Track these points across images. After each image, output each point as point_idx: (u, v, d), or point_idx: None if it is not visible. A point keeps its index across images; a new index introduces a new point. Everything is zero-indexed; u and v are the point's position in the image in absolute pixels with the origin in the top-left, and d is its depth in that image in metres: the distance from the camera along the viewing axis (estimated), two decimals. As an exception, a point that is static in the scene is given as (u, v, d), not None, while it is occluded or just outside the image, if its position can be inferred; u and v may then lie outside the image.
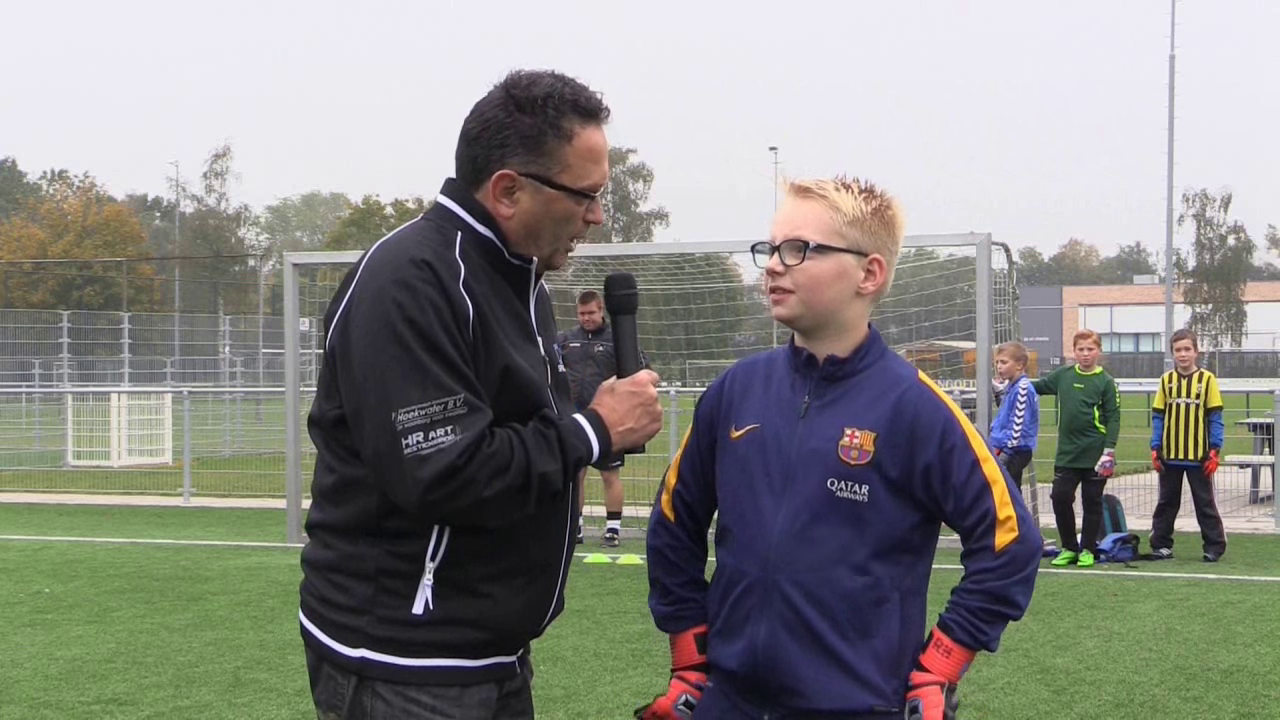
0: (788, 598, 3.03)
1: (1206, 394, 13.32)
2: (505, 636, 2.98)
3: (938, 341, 25.15)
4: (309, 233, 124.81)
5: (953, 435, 3.05)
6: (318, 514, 3.01)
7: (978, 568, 3.05)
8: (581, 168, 2.96)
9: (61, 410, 29.24)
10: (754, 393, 3.18)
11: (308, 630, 3.01)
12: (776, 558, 3.05)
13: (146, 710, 7.50)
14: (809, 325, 3.12)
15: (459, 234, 2.95)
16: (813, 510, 3.04)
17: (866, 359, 3.12)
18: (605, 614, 10.13)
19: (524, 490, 2.83)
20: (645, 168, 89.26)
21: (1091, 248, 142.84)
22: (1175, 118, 57.33)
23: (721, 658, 3.14)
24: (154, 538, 15.11)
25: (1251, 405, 24.01)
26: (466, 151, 2.99)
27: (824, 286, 3.07)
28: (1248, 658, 8.74)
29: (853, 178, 3.14)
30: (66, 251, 71.99)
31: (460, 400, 2.79)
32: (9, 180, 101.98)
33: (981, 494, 3.04)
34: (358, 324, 2.85)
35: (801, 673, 3.03)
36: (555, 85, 2.95)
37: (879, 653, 3.03)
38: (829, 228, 3.07)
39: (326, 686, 2.98)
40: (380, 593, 2.90)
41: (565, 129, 2.93)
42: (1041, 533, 14.14)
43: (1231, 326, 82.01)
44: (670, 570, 3.28)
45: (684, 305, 28.73)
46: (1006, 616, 3.07)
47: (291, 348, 15.22)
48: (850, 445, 3.04)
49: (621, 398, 3.03)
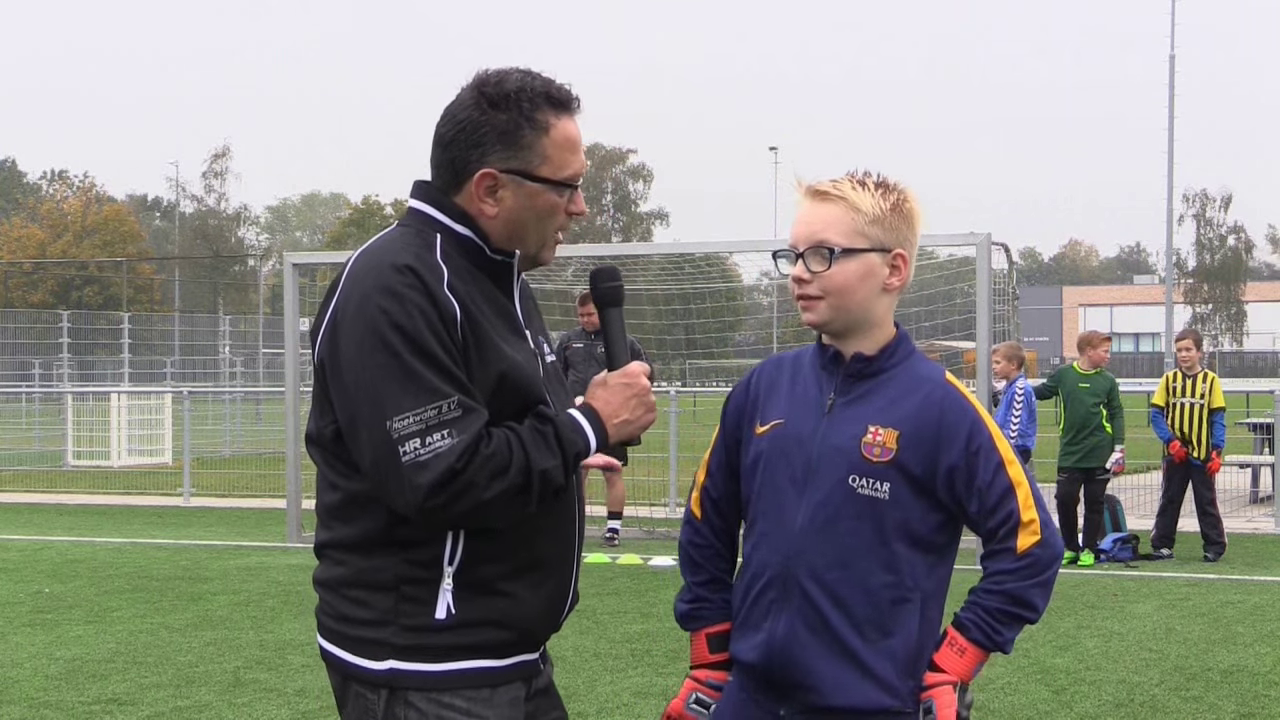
0: (807, 593, 3.03)
1: (1210, 394, 13.33)
2: (528, 633, 2.98)
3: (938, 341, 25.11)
4: (309, 233, 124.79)
5: (979, 437, 3.03)
6: (326, 533, 2.98)
7: (998, 569, 3.04)
8: (560, 158, 2.95)
9: (61, 410, 29.21)
10: (780, 389, 3.18)
11: (329, 652, 2.97)
12: (796, 552, 3.05)
13: (146, 710, 7.50)
14: (840, 329, 3.11)
15: (438, 236, 2.93)
16: (833, 506, 3.03)
17: (895, 357, 3.11)
18: (605, 614, 10.13)
19: (525, 489, 2.82)
20: (645, 168, 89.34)
21: (1091, 248, 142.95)
22: (1175, 118, 57.37)
23: (741, 651, 3.15)
24: (154, 538, 15.10)
25: (1251, 405, 24.02)
26: (443, 156, 2.96)
27: (853, 289, 3.06)
28: (1248, 658, 8.74)
29: (864, 173, 3.13)
30: (66, 251, 71.99)
31: (454, 403, 2.77)
32: (9, 180, 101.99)
33: (1005, 496, 3.02)
34: (345, 334, 2.83)
35: (817, 669, 3.03)
36: (525, 79, 2.94)
37: (896, 652, 3.02)
38: (852, 229, 3.06)
39: (356, 705, 2.93)
40: (402, 601, 2.88)
41: (540, 121, 2.92)
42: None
43: (1231, 326, 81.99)
44: (693, 568, 3.28)
45: (684, 305, 28.70)
46: (1023, 619, 3.05)
47: (291, 348, 15.22)
48: (873, 442, 3.03)
49: (615, 390, 3.01)
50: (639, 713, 7.38)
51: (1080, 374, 13.25)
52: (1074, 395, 13.15)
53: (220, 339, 50.61)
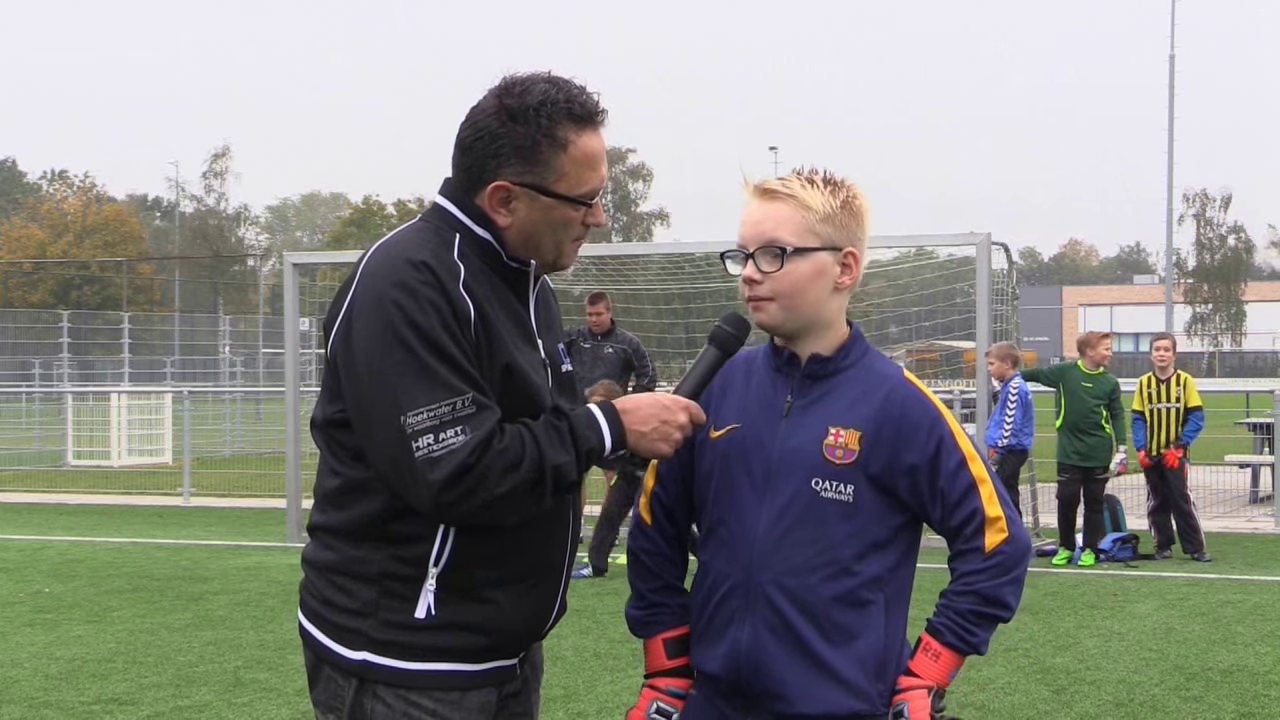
0: (771, 600, 2.96)
1: (1185, 395, 13.43)
2: (507, 641, 2.98)
3: (938, 341, 25.11)
4: (309, 233, 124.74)
5: (939, 434, 2.99)
6: (320, 516, 3.00)
7: (967, 569, 2.99)
8: (578, 175, 2.92)
9: (61, 410, 29.23)
10: (733, 392, 3.10)
11: (308, 631, 3.00)
12: (759, 560, 2.98)
13: (146, 710, 7.50)
14: (793, 330, 3.05)
15: (457, 235, 2.92)
16: (796, 511, 2.97)
17: (850, 357, 3.06)
18: (605, 614, 10.13)
19: (538, 484, 2.81)
20: (645, 168, 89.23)
21: (1091, 248, 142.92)
22: (1175, 118, 57.51)
23: (704, 661, 3.08)
24: (154, 538, 15.11)
25: (1251, 405, 23.98)
26: (462, 160, 2.95)
27: (804, 289, 3.00)
28: (1248, 658, 8.74)
29: (811, 169, 3.06)
30: (66, 251, 71.96)
31: (468, 400, 2.77)
32: (9, 180, 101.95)
33: (969, 493, 2.98)
34: (360, 329, 2.83)
35: (785, 677, 2.97)
36: (549, 91, 2.89)
37: (864, 656, 2.97)
38: (803, 227, 2.99)
39: (326, 688, 2.97)
40: (384, 596, 2.89)
41: (560, 138, 2.88)
42: (1043, 532, 14.08)
43: (1231, 326, 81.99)
44: (644, 575, 3.21)
45: (684, 305, 28.69)
46: (997, 618, 3.01)
47: (291, 348, 15.22)
48: (835, 444, 2.98)
49: (652, 404, 2.94)
50: (639, 713, 7.37)
51: (1084, 373, 13.26)
52: (1075, 393, 13.16)
53: (220, 339, 50.61)
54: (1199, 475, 17.20)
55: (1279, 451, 16.80)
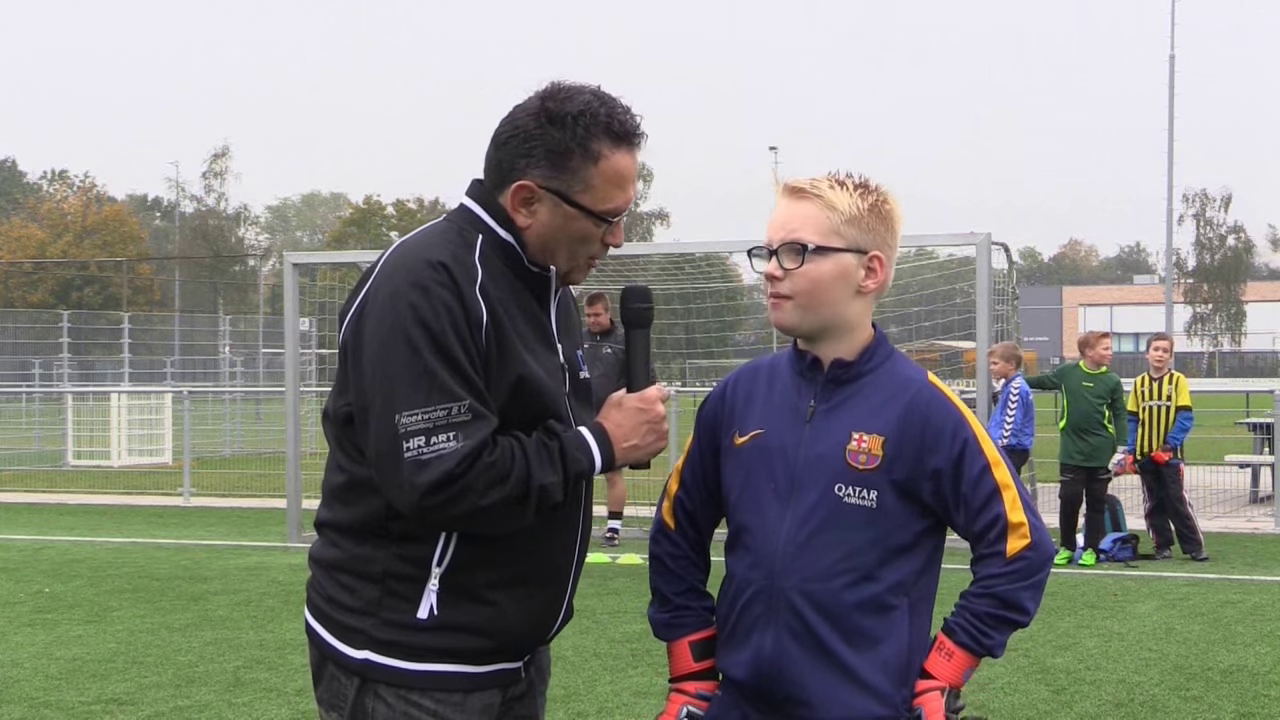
0: (794, 606, 2.96)
1: (1177, 394, 13.47)
2: (510, 644, 2.97)
3: (938, 341, 25.10)
4: (309, 233, 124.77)
5: (964, 439, 2.97)
6: (326, 512, 3.00)
7: (988, 573, 2.99)
8: (605, 191, 2.92)
9: (61, 410, 29.21)
10: (757, 397, 3.11)
11: (313, 629, 3.00)
12: (783, 566, 2.98)
13: (146, 710, 7.50)
14: (810, 331, 3.04)
15: (480, 237, 2.92)
16: (820, 517, 2.97)
17: (873, 361, 3.05)
18: (605, 614, 10.13)
19: (522, 501, 2.81)
20: (645, 168, 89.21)
21: (1091, 248, 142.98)
22: (1175, 118, 57.51)
23: (729, 666, 3.08)
24: (154, 538, 15.11)
25: (1251, 405, 23.98)
26: (494, 155, 2.95)
27: (825, 289, 2.99)
28: (1248, 658, 8.74)
29: (845, 173, 3.06)
30: (66, 251, 71.99)
31: (465, 407, 2.76)
32: (9, 180, 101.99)
33: (992, 499, 2.96)
34: (371, 324, 2.83)
35: (808, 683, 2.96)
36: (591, 103, 2.89)
37: (888, 661, 2.97)
38: (826, 227, 2.99)
39: (330, 686, 2.97)
40: (386, 595, 2.89)
41: (593, 150, 2.88)
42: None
43: (1231, 326, 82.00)
44: (669, 579, 3.21)
45: (684, 305, 28.74)
46: (1014, 623, 2.99)
47: (291, 348, 15.22)
48: (858, 450, 2.97)
49: (629, 414, 2.98)
50: (639, 713, 7.38)
51: (1085, 373, 13.28)
52: (1077, 393, 13.18)
53: (220, 339, 50.56)
54: (1198, 475, 17.23)
55: (1279, 451, 16.81)
